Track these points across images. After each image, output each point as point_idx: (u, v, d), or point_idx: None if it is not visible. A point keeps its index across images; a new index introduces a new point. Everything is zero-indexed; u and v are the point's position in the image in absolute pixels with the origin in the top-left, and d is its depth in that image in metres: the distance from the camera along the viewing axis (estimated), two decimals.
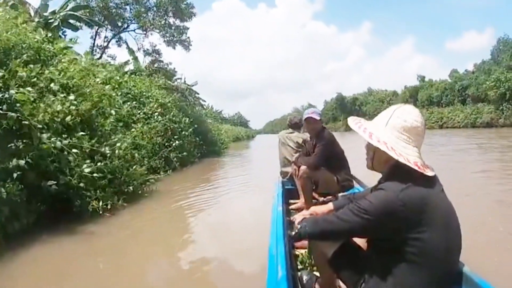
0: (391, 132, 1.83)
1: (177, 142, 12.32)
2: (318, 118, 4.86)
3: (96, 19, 21.76)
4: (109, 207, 6.10)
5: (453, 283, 1.87)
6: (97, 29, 23.59)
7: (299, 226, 2.04)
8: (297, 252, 3.49)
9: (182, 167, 12.71)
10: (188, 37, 25.72)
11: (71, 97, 6.52)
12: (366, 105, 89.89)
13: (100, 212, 5.93)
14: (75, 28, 18.07)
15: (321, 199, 4.83)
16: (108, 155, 6.67)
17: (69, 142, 5.73)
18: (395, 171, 1.80)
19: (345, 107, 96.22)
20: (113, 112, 8.11)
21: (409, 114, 1.84)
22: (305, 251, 3.33)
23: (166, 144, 12.03)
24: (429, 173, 1.78)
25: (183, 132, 14.06)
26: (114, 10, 23.27)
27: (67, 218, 5.73)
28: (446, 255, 1.75)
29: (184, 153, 12.73)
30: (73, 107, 6.36)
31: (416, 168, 1.74)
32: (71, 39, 12.82)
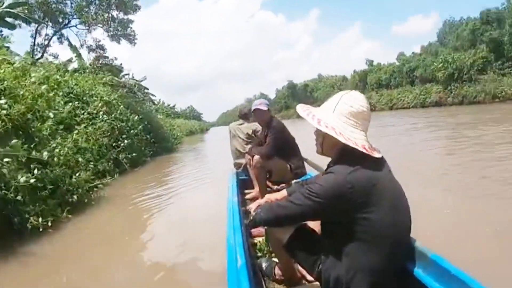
0: (339, 117, 1.89)
1: (125, 141, 11.69)
2: (265, 108, 4.93)
3: (36, 16, 20.70)
4: (49, 224, 5.40)
5: (406, 259, 2.01)
6: (37, 27, 22.38)
7: (254, 214, 2.17)
8: (255, 241, 3.53)
9: (133, 168, 12.11)
10: (133, 31, 25.07)
11: (2, 101, 5.96)
12: (317, 91, 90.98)
13: (41, 229, 5.28)
14: (12, 27, 17.10)
15: (275, 187, 5.08)
16: (48, 162, 6.14)
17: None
18: (344, 155, 1.88)
19: (297, 95, 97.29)
20: (51, 114, 7.53)
21: (356, 100, 1.92)
22: (263, 239, 3.37)
23: (114, 144, 11.37)
24: (376, 155, 1.88)
25: (132, 131, 13.42)
26: (54, 6, 22.06)
27: (9, 239, 5.10)
28: (396, 233, 1.83)
29: (134, 154, 12.11)
30: (4, 112, 5.82)
31: (364, 151, 1.83)
32: (4, 38, 12.00)
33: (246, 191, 5.53)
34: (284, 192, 2.57)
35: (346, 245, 1.85)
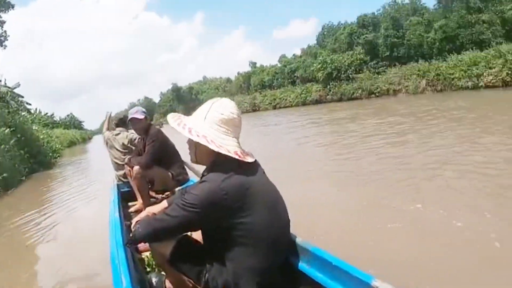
0: (210, 125, 1.92)
1: None
2: (142, 117, 4.81)
3: None
4: None
5: (289, 255, 2.15)
6: None
7: (133, 230, 2.11)
8: (143, 256, 3.42)
9: (6, 191, 10.82)
10: (5, 31, 22.66)
11: None
12: (202, 94, 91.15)
13: None
14: None
15: (159, 196, 5.01)
16: None
17: None
18: (217, 162, 1.92)
19: (182, 97, 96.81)
20: None
21: (226, 107, 1.95)
22: (150, 253, 3.23)
23: None
24: (249, 160, 1.94)
25: (2, 146, 12.08)
26: None
27: None
28: (275, 233, 1.92)
29: (5, 174, 10.80)
30: None
31: (236, 157, 1.87)
32: None
33: (130, 203, 5.33)
34: (165, 203, 2.53)
35: (228, 251, 1.90)
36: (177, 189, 4.64)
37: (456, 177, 6.06)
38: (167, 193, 4.98)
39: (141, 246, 3.50)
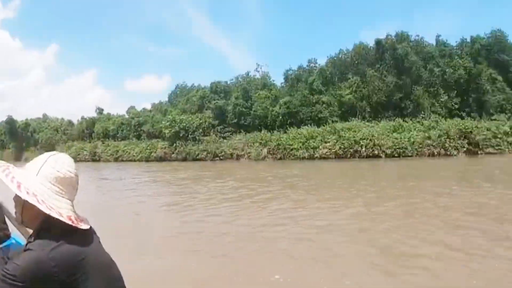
0: (43, 182, 1.65)
1: None
2: None
3: None
4: None
5: None
6: None
7: None
8: None
9: None
10: None
11: None
12: (39, 133, 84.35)
13: None
14: None
15: None
16: None
17: None
18: (47, 227, 1.63)
19: (16, 133, 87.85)
20: None
21: (63, 164, 1.71)
22: None
23: None
24: (84, 226, 1.70)
25: None
26: None
27: None
28: None
29: None
30: None
31: (69, 222, 1.63)
32: None
33: None
34: None
35: None
36: None
37: (302, 242, 6.24)
38: None
39: None
